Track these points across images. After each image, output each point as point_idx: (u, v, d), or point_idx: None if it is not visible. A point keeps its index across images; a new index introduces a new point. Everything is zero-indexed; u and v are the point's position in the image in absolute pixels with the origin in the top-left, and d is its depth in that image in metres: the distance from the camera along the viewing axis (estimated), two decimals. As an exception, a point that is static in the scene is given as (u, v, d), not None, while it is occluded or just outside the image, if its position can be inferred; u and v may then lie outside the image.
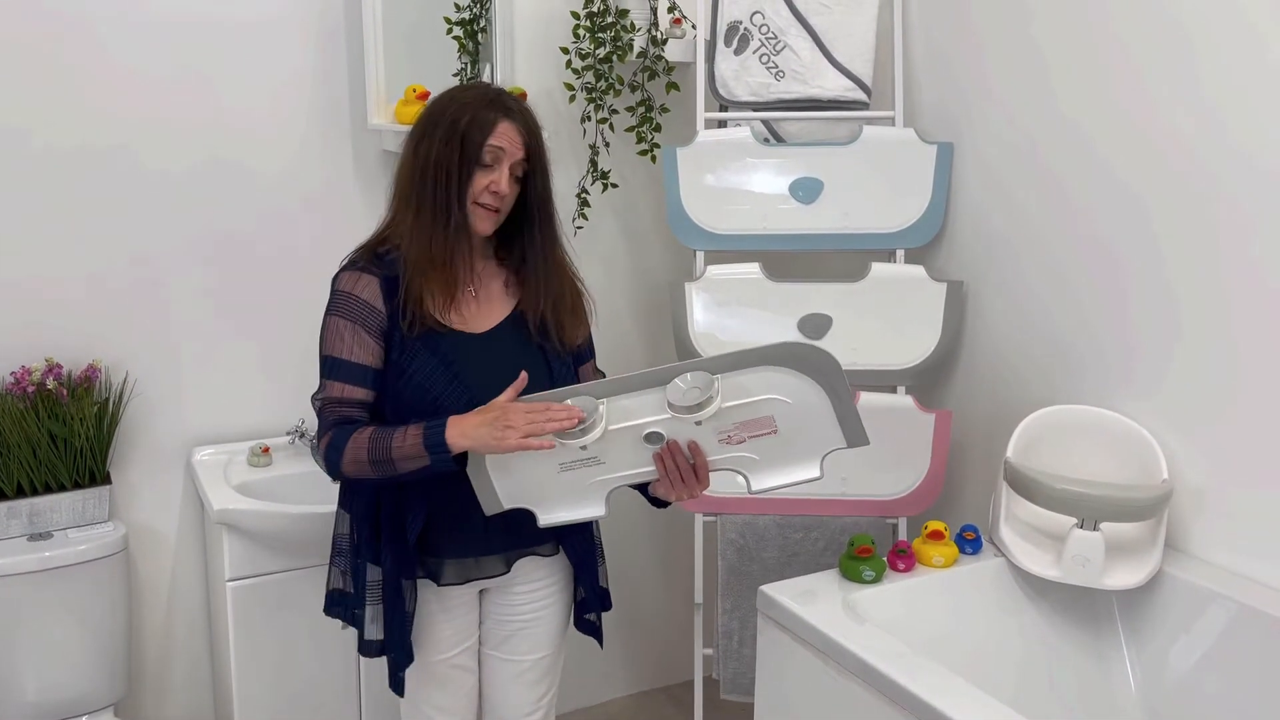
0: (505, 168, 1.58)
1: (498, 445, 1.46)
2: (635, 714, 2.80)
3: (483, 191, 1.58)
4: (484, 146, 1.56)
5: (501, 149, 1.57)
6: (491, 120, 1.56)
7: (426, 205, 1.59)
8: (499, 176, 1.57)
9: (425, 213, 1.59)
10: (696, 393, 1.46)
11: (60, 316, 2.15)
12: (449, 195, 1.57)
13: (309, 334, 1.70)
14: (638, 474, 1.55)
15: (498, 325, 1.66)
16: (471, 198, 1.58)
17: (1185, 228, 1.86)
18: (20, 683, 2.04)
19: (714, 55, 2.33)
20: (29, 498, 2.07)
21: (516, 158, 1.58)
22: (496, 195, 1.58)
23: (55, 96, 2.08)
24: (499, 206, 1.60)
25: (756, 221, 2.28)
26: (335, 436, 1.56)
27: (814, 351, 1.48)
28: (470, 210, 1.59)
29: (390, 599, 1.64)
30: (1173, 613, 1.84)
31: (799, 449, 1.53)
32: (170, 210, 2.21)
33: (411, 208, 1.60)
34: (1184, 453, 1.89)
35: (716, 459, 1.54)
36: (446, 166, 1.57)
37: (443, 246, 1.59)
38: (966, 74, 2.25)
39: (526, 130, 1.59)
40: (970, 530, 1.93)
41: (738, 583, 2.24)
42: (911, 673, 1.51)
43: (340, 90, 2.32)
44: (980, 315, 2.27)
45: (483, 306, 1.67)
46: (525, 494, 1.56)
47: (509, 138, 1.57)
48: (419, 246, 1.59)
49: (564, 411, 1.46)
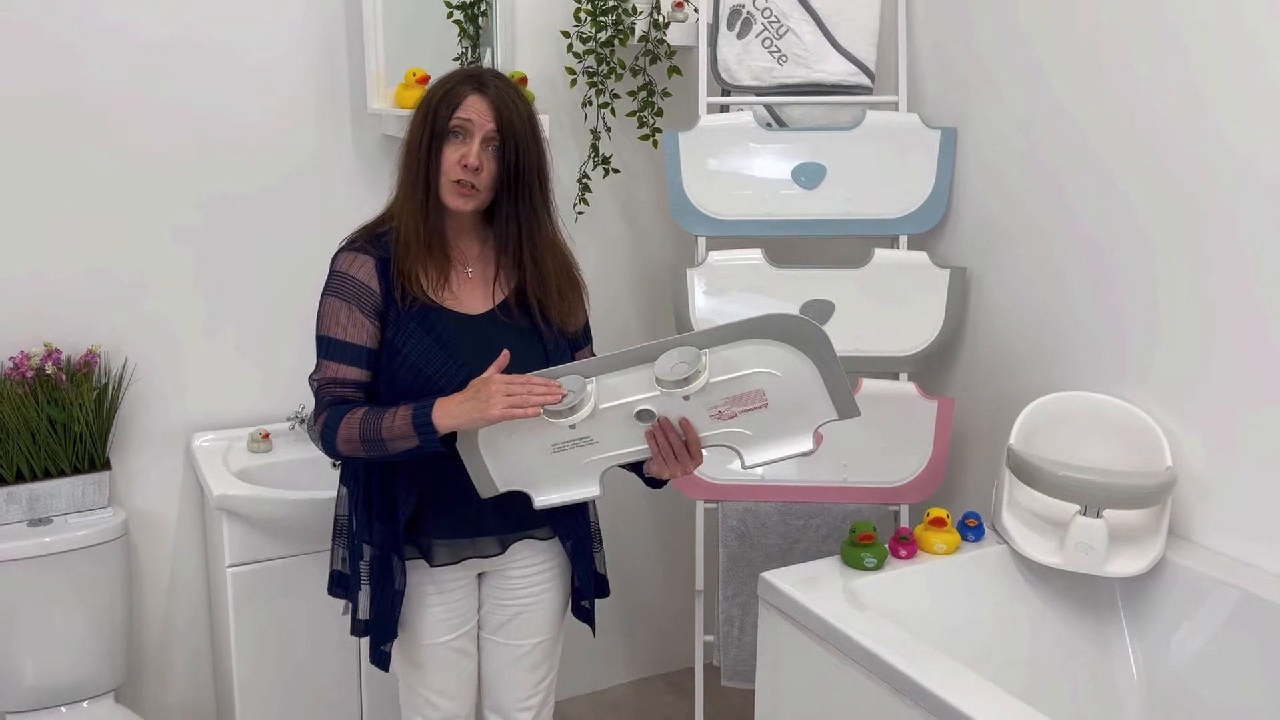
0: (476, 140, 1.56)
1: (482, 417, 1.46)
2: (635, 701, 2.80)
3: (453, 166, 1.57)
4: (451, 119, 1.56)
5: (469, 120, 1.56)
6: (460, 94, 1.57)
7: (410, 184, 1.60)
8: (468, 150, 1.56)
9: (409, 193, 1.61)
10: (684, 367, 1.46)
11: (59, 301, 2.14)
12: (423, 170, 1.58)
13: (309, 319, 1.69)
14: (631, 453, 1.55)
15: (494, 308, 1.65)
16: (444, 173, 1.58)
17: (1189, 215, 1.85)
18: (20, 668, 2.04)
19: (716, 39, 2.31)
20: (29, 483, 2.06)
21: (486, 129, 1.57)
22: (468, 170, 1.56)
23: (51, 80, 2.07)
24: (473, 182, 1.58)
25: (759, 207, 2.26)
26: (330, 417, 1.57)
27: (801, 323, 1.47)
28: (444, 187, 1.58)
29: (379, 577, 1.64)
30: (1175, 600, 1.83)
31: (790, 422, 1.52)
32: (169, 195, 2.20)
33: (402, 188, 1.62)
34: (1188, 440, 1.88)
35: (708, 435, 1.54)
36: (419, 142, 1.58)
37: (424, 224, 1.60)
38: (971, 59, 2.23)
39: (499, 104, 1.57)
40: (972, 517, 1.93)
41: (739, 570, 2.24)
42: (913, 660, 1.51)
43: (340, 74, 2.30)
44: (983, 302, 2.26)
45: (479, 288, 1.66)
46: (519, 476, 1.56)
47: (477, 110, 1.56)
48: (407, 225, 1.60)
49: (544, 385, 1.46)
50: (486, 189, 1.60)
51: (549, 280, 1.66)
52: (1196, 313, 1.86)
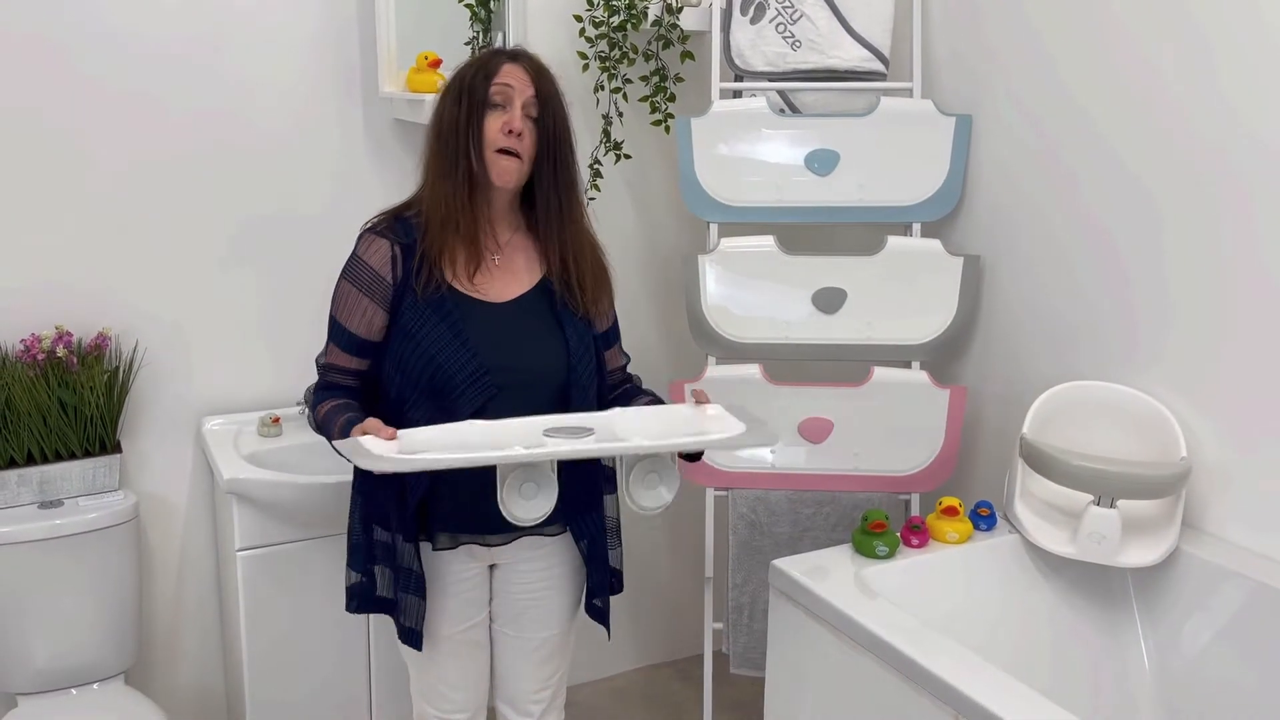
0: (517, 106, 1.57)
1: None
2: (644, 688, 2.80)
3: (497, 134, 1.56)
4: (490, 87, 1.56)
5: (510, 85, 1.57)
6: (496, 64, 1.58)
7: (445, 164, 1.59)
8: (511, 115, 1.56)
9: (444, 173, 1.59)
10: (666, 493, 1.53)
11: (70, 284, 2.14)
12: (465, 144, 1.57)
13: (319, 304, 1.69)
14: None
15: (519, 297, 1.64)
16: (488, 145, 1.57)
17: (1203, 202, 1.84)
18: (31, 650, 2.05)
19: (729, 24, 2.29)
20: (39, 465, 2.06)
21: (527, 95, 1.57)
22: (512, 135, 1.56)
23: (62, 67, 2.06)
24: (517, 149, 1.57)
25: (771, 193, 2.25)
26: (315, 400, 1.65)
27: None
28: (490, 160, 1.57)
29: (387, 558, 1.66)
30: (1188, 590, 1.82)
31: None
32: (179, 179, 2.19)
33: (432, 171, 1.61)
34: (1203, 431, 1.87)
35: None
36: (456, 121, 1.58)
37: (462, 204, 1.59)
38: (986, 45, 2.22)
39: (534, 70, 1.59)
40: (985, 506, 1.92)
41: (748, 557, 2.23)
42: (924, 648, 1.50)
43: (351, 58, 2.29)
44: (997, 290, 2.25)
45: (505, 276, 1.65)
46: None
47: (515, 76, 1.58)
48: (439, 208, 1.59)
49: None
50: (528, 158, 1.59)
51: (584, 253, 1.66)
52: (1211, 301, 1.84)
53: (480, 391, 1.57)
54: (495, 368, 1.57)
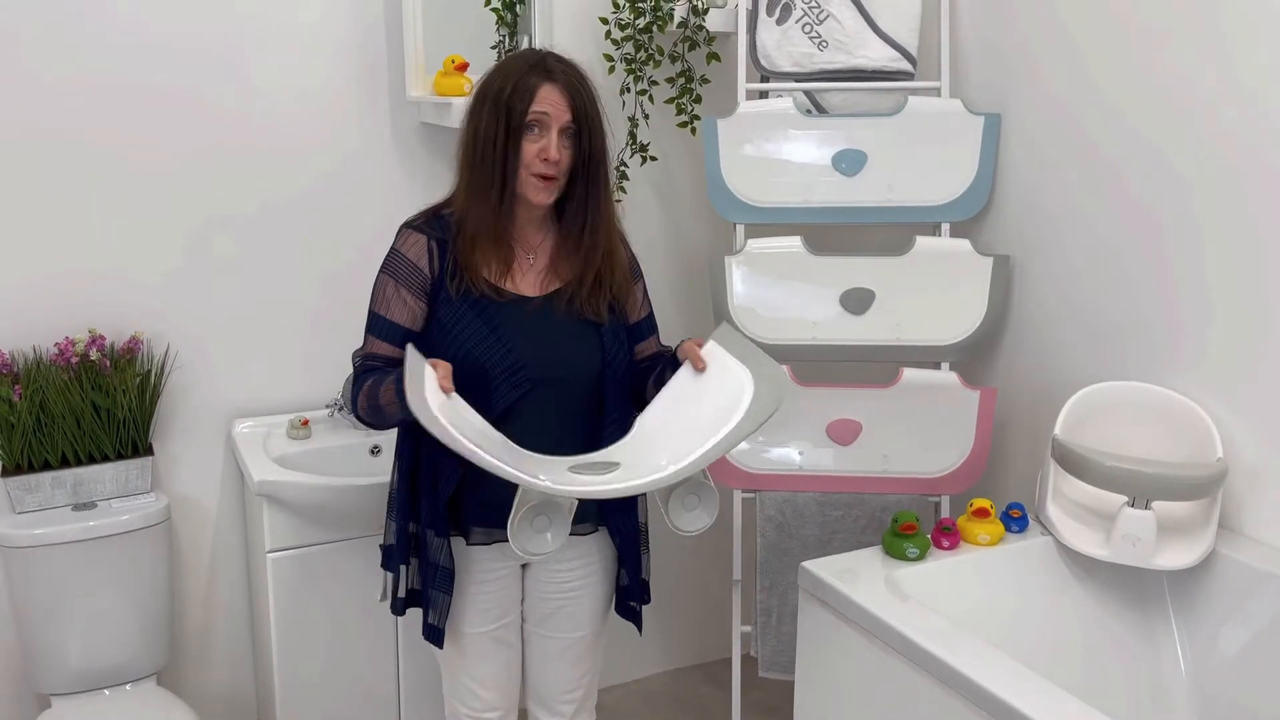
0: (554, 133, 1.55)
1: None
2: (672, 691, 2.79)
3: (534, 160, 1.56)
4: (528, 114, 1.54)
5: (546, 113, 1.55)
6: (533, 86, 1.54)
7: (480, 179, 1.58)
8: (548, 143, 1.55)
9: (478, 186, 1.59)
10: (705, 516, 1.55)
11: (103, 289, 2.16)
12: (500, 168, 1.56)
13: (348, 306, 1.70)
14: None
15: (552, 293, 1.65)
16: (524, 168, 1.56)
17: (1234, 202, 1.81)
18: (65, 650, 2.07)
19: (755, 25, 2.29)
20: (74, 468, 2.09)
21: (563, 121, 1.56)
22: (549, 163, 1.55)
23: (95, 71, 2.09)
24: (554, 174, 1.57)
25: (798, 194, 2.24)
26: (358, 384, 1.63)
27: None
28: (525, 182, 1.57)
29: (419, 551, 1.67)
30: (1225, 594, 1.79)
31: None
32: (209, 183, 2.21)
33: (465, 181, 1.61)
34: (1239, 430, 1.84)
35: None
36: (494, 139, 1.56)
37: (494, 221, 1.59)
38: (1015, 43, 2.20)
39: (571, 91, 1.56)
40: (1016, 508, 1.90)
41: (776, 560, 2.22)
42: (957, 650, 1.49)
43: (379, 62, 2.30)
44: (1027, 290, 2.23)
45: (538, 274, 1.66)
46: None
47: (552, 101, 1.55)
48: (472, 219, 1.59)
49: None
50: (564, 177, 1.60)
51: (616, 256, 1.66)
52: (1249, 301, 1.81)
53: (515, 386, 1.58)
54: (530, 362, 1.58)
